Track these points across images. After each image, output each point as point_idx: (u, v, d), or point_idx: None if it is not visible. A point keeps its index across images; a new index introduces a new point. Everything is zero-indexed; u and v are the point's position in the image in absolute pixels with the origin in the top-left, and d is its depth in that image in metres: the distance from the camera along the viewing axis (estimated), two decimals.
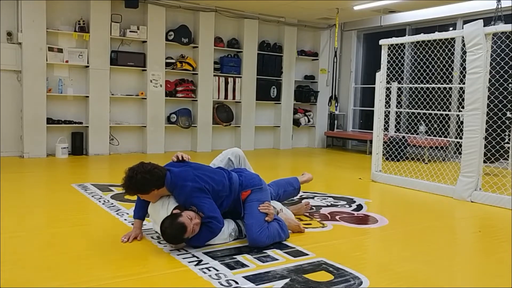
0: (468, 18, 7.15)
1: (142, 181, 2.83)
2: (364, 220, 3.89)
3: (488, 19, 5.44)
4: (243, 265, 2.66)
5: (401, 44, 5.61)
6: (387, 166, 5.83)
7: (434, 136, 6.14)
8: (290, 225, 3.27)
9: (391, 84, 6.18)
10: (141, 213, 3.15)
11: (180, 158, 3.13)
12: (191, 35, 8.10)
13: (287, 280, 2.47)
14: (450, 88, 6.31)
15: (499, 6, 5.58)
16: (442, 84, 6.08)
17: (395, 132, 7.27)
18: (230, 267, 2.63)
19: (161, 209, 2.96)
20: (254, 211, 3.01)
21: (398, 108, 7.53)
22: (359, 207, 4.36)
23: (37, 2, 6.73)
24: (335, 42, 9.07)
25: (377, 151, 5.73)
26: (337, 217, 3.85)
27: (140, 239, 3.06)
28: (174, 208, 2.89)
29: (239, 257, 2.78)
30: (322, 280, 2.48)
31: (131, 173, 2.85)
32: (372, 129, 5.79)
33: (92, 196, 4.37)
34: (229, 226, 3.06)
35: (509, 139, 5.38)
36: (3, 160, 6.39)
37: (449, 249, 3.23)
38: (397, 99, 7.63)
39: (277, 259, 2.77)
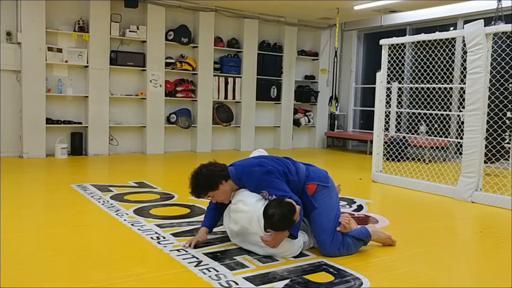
0: (468, 18, 7.13)
1: (208, 174, 2.81)
2: (364, 220, 3.88)
3: (489, 19, 5.43)
4: (243, 266, 2.65)
5: (402, 44, 5.60)
6: (387, 166, 5.82)
7: (435, 136, 6.12)
8: (380, 238, 3.06)
9: (391, 84, 6.17)
10: (210, 222, 3.04)
11: None
12: (191, 35, 8.08)
13: (287, 281, 2.46)
14: (451, 88, 6.29)
15: (500, 6, 5.57)
16: (442, 84, 6.07)
17: (396, 132, 7.25)
18: (230, 267, 2.61)
19: (251, 192, 2.84)
20: (323, 223, 2.83)
21: (399, 108, 7.52)
22: (360, 207, 4.35)
23: (36, 2, 6.71)
24: (336, 42, 9.05)
25: (378, 151, 5.72)
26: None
27: (202, 241, 2.94)
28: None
29: (239, 258, 2.76)
30: (322, 281, 2.47)
31: (195, 172, 2.84)
32: (372, 129, 5.78)
33: (92, 197, 4.35)
34: (300, 239, 2.85)
35: (509, 139, 5.37)
36: (3, 160, 6.38)
37: (450, 249, 3.22)
38: (397, 99, 7.61)
39: (277, 260, 2.75)
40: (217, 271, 2.56)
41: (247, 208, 2.76)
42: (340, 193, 4.82)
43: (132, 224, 3.46)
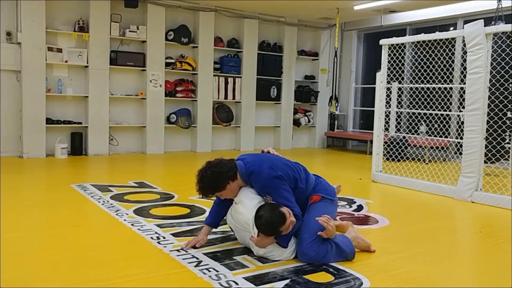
0: (468, 18, 7.13)
1: (213, 176, 2.75)
2: (364, 220, 3.88)
3: (489, 19, 5.43)
4: (243, 266, 2.65)
5: (402, 44, 5.60)
6: (387, 166, 5.82)
7: (435, 136, 6.12)
8: (359, 244, 2.94)
9: (391, 84, 6.17)
10: (212, 220, 2.99)
11: (266, 151, 3.13)
12: (191, 35, 8.08)
13: (287, 281, 2.46)
14: (451, 88, 6.29)
15: (500, 6, 5.57)
16: (442, 84, 6.06)
17: (396, 132, 7.25)
18: (230, 268, 2.61)
19: (254, 194, 2.83)
20: (310, 224, 2.75)
21: (399, 108, 7.52)
22: (360, 207, 4.35)
23: (36, 2, 6.71)
24: (336, 42, 9.05)
25: (378, 151, 5.72)
26: (337, 218, 3.83)
27: (199, 246, 2.89)
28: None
29: (239, 258, 2.76)
30: (322, 281, 2.47)
31: (200, 173, 2.78)
32: (372, 129, 5.78)
33: (92, 197, 4.35)
34: (293, 242, 2.79)
35: (509, 139, 5.37)
36: (3, 160, 6.37)
37: (450, 249, 3.22)
38: (397, 99, 7.61)
39: (277, 260, 2.75)
40: (217, 271, 2.56)
41: (245, 211, 2.76)
42: (340, 193, 4.85)
43: (132, 224, 3.46)
